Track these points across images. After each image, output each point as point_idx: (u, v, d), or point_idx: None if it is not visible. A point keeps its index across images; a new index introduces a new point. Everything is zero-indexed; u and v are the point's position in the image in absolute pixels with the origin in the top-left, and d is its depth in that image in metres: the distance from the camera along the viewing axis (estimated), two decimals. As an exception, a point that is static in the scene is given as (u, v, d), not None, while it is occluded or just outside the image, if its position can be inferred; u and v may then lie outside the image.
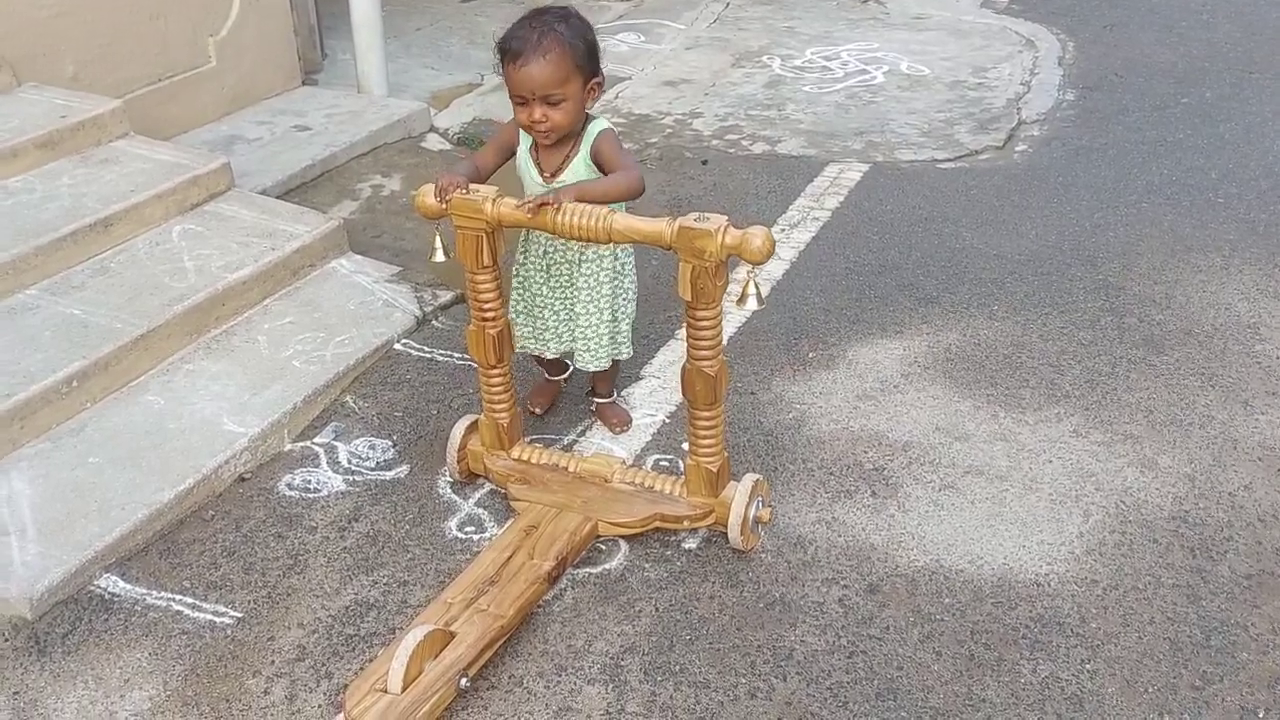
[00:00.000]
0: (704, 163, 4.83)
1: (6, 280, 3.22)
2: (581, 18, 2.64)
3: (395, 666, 2.16)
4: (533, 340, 2.94)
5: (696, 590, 2.55)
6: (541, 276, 2.85)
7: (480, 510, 2.83)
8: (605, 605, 2.52)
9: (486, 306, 2.67)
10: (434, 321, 3.61)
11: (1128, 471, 2.91)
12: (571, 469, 2.77)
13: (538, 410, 3.13)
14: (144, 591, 2.58)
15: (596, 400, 3.13)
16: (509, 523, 2.68)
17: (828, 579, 2.58)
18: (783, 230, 4.19)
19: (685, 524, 2.65)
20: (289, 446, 3.07)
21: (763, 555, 2.65)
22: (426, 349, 3.47)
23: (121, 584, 2.59)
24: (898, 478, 2.90)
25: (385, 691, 2.15)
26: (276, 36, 5.10)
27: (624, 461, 2.88)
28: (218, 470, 2.89)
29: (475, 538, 2.73)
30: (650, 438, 3.08)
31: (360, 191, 4.53)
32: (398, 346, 3.46)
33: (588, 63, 2.59)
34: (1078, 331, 3.52)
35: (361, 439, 3.09)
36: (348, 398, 3.25)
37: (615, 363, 3.01)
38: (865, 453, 3.00)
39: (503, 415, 2.79)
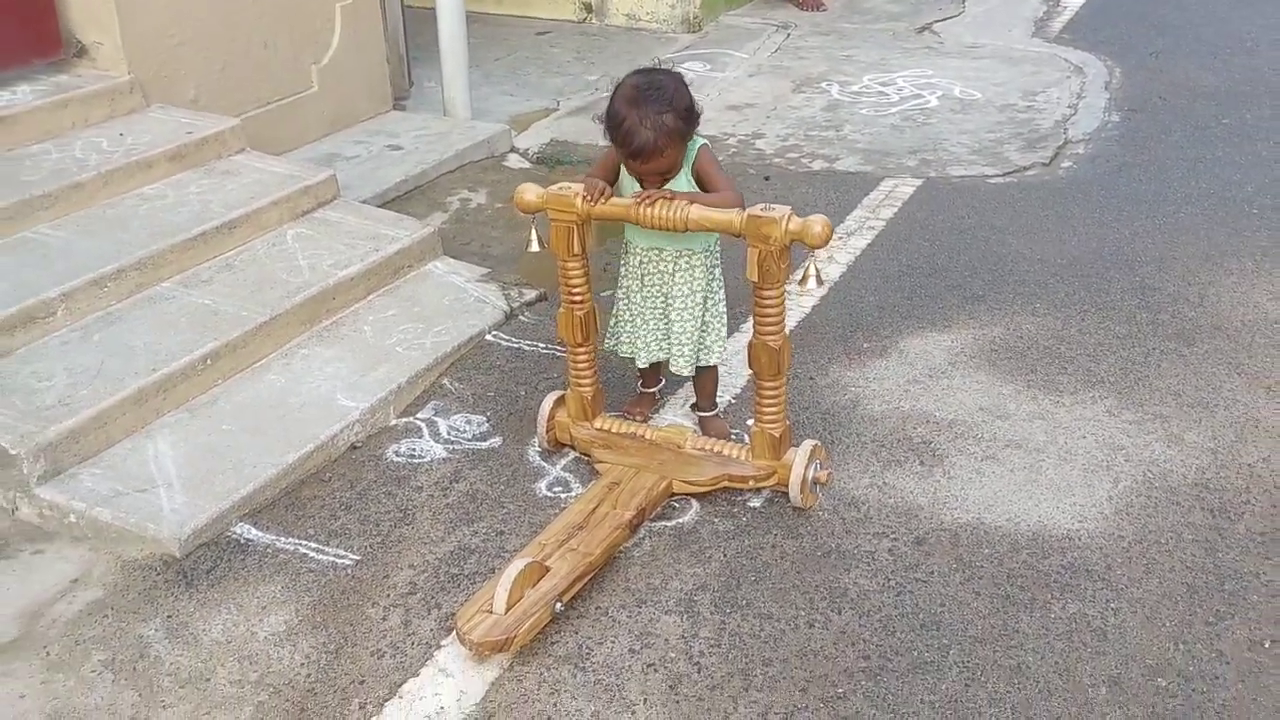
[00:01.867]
0: (766, 178, 5.17)
1: (146, 274, 3.63)
2: (677, 84, 2.82)
3: (500, 591, 2.50)
4: (629, 345, 3.20)
5: (760, 540, 2.86)
6: (638, 285, 3.10)
7: (566, 474, 3.16)
8: (679, 552, 2.84)
9: (575, 291, 3.01)
10: (520, 316, 3.97)
11: (1156, 445, 3.18)
12: (648, 437, 3.10)
13: (638, 417, 3.32)
14: (274, 537, 2.94)
15: (699, 414, 3.34)
16: (594, 480, 3.01)
17: (878, 532, 2.88)
18: (840, 238, 4.51)
19: (750, 484, 2.97)
20: (394, 421, 3.43)
21: (820, 513, 2.96)
22: (514, 339, 3.82)
23: (254, 531, 2.96)
24: (943, 450, 3.20)
25: (490, 612, 2.49)
26: (372, 65, 5.54)
27: (695, 431, 3.20)
28: (333, 438, 3.26)
29: (562, 496, 3.06)
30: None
31: (449, 204, 4.93)
32: (489, 337, 3.83)
33: (690, 126, 2.82)
34: (1114, 326, 3.80)
35: (459, 415, 3.44)
36: (445, 380, 3.61)
37: (713, 376, 3.26)
38: (914, 429, 3.29)
39: (587, 389, 3.13)
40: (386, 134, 5.44)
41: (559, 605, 2.55)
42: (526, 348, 3.80)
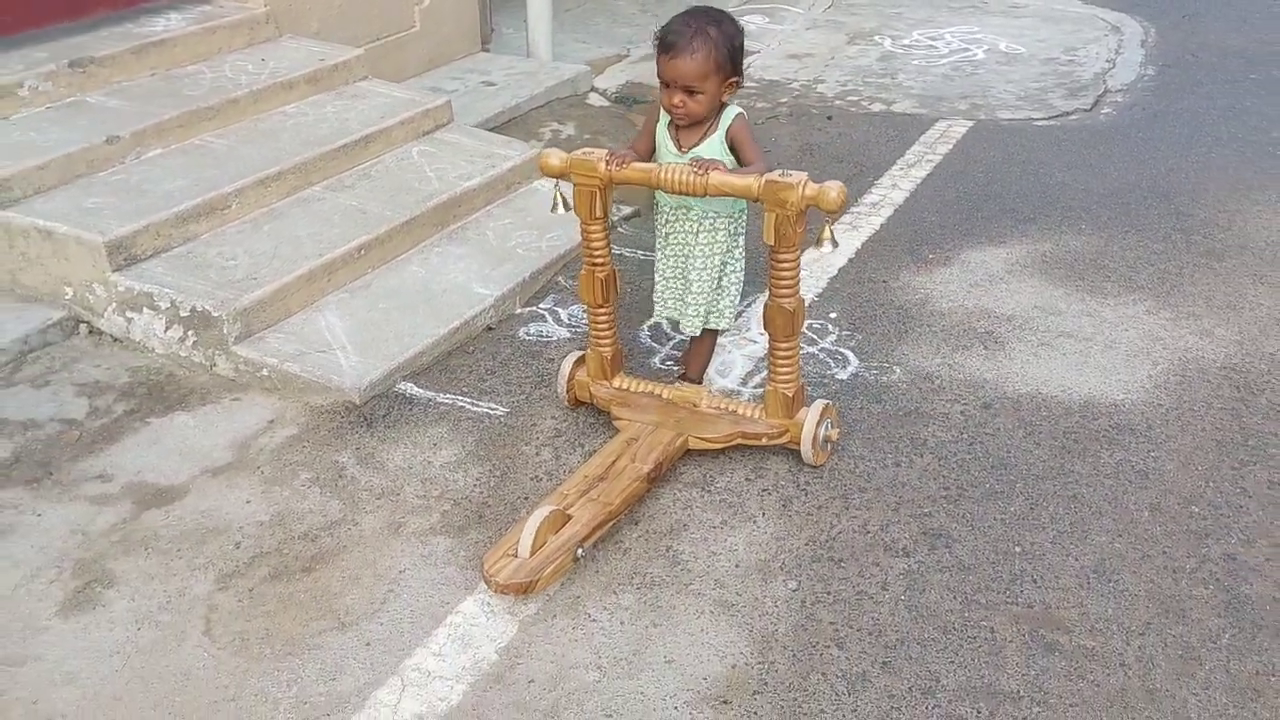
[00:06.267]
0: (829, 118, 5.63)
1: (299, 178, 4.13)
2: (734, 22, 2.91)
3: (525, 536, 2.62)
4: (661, 307, 3.23)
5: (849, 404, 3.35)
6: (663, 243, 3.15)
7: (675, 351, 3.66)
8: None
9: (596, 253, 3.08)
10: (619, 228, 4.46)
11: (1189, 338, 3.67)
12: (665, 396, 3.18)
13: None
14: (433, 394, 3.44)
15: (686, 385, 3.31)
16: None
17: (951, 399, 3.37)
18: (901, 169, 4.99)
19: (763, 441, 3.04)
20: (520, 310, 3.93)
21: (899, 384, 3.45)
22: (616, 248, 4.30)
23: (415, 389, 3.46)
24: (1004, 338, 3.68)
25: (516, 556, 2.62)
26: (466, 8, 6.02)
27: (710, 390, 3.26)
28: (473, 319, 3.76)
29: (673, 369, 3.55)
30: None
31: (543, 134, 5.41)
32: (595, 243, 4.31)
33: (729, 64, 2.85)
34: (1151, 244, 4.28)
35: (575, 305, 3.93)
36: (559, 278, 4.10)
37: (709, 348, 3.31)
38: (978, 321, 3.78)
39: (606, 349, 3.21)
40: (479, 72, 5.92)
41: (580, 551, 2.67)
42: (626, 254, 4.28)
